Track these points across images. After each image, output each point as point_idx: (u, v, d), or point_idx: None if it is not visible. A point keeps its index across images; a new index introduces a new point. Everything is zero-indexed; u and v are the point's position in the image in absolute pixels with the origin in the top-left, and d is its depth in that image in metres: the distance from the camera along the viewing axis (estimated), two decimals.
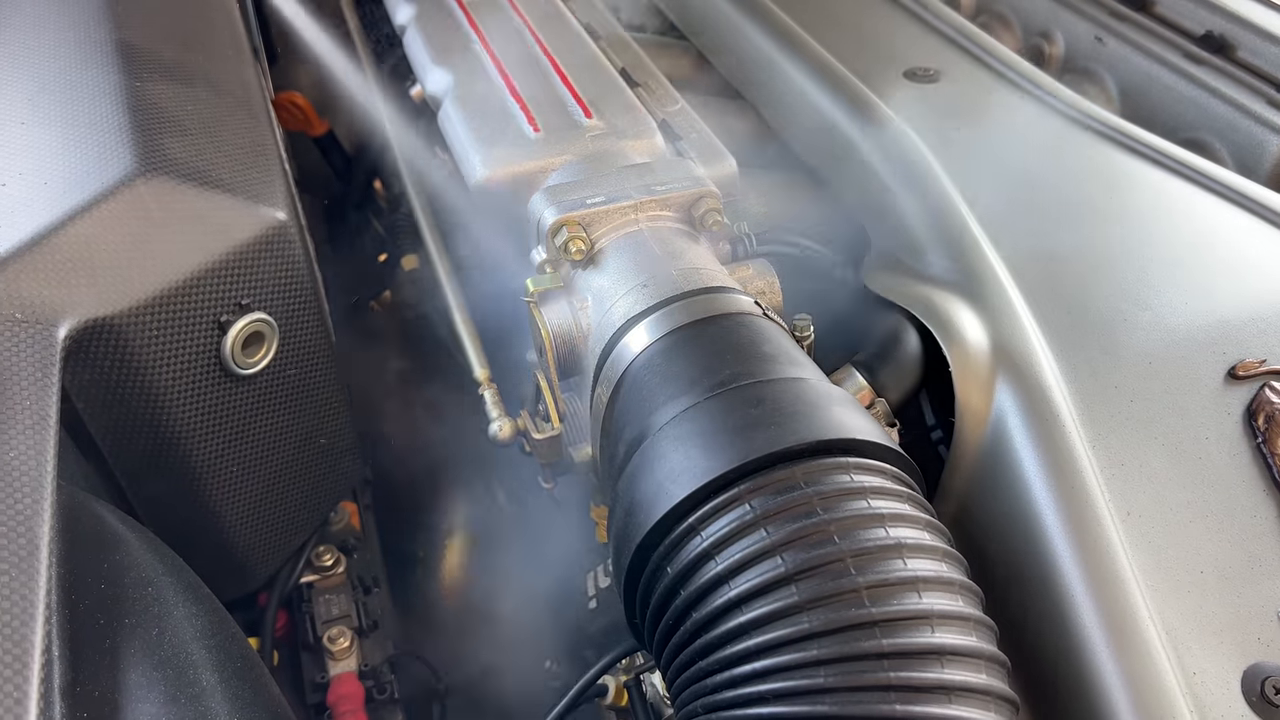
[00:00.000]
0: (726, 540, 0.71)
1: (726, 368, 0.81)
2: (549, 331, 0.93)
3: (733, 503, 0.72)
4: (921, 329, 0.97)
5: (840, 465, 0.74)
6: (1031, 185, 1.15)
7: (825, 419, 0.76)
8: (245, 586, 1.10)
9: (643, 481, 0.78)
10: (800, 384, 0.80)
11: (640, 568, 0.77)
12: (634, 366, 0.86)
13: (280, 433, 1.03)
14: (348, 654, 1.11)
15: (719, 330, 0.85)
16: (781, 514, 0.70)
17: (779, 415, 0.76)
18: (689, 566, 0.72)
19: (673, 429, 0.78)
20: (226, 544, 1.03)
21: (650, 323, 0.87)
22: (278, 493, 1.06)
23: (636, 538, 0.76)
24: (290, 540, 1.12)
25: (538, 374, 0.96)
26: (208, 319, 0.91)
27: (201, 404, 0.93)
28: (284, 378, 1.00)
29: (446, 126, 1.14)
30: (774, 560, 0.69)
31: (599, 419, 0.91)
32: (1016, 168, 1.19)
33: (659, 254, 0.94)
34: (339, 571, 1.19)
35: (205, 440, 0.95)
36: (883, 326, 0.98)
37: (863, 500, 0.72)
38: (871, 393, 0.93)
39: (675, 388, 0.81)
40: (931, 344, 0.96)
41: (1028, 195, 1.14)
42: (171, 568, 0.79)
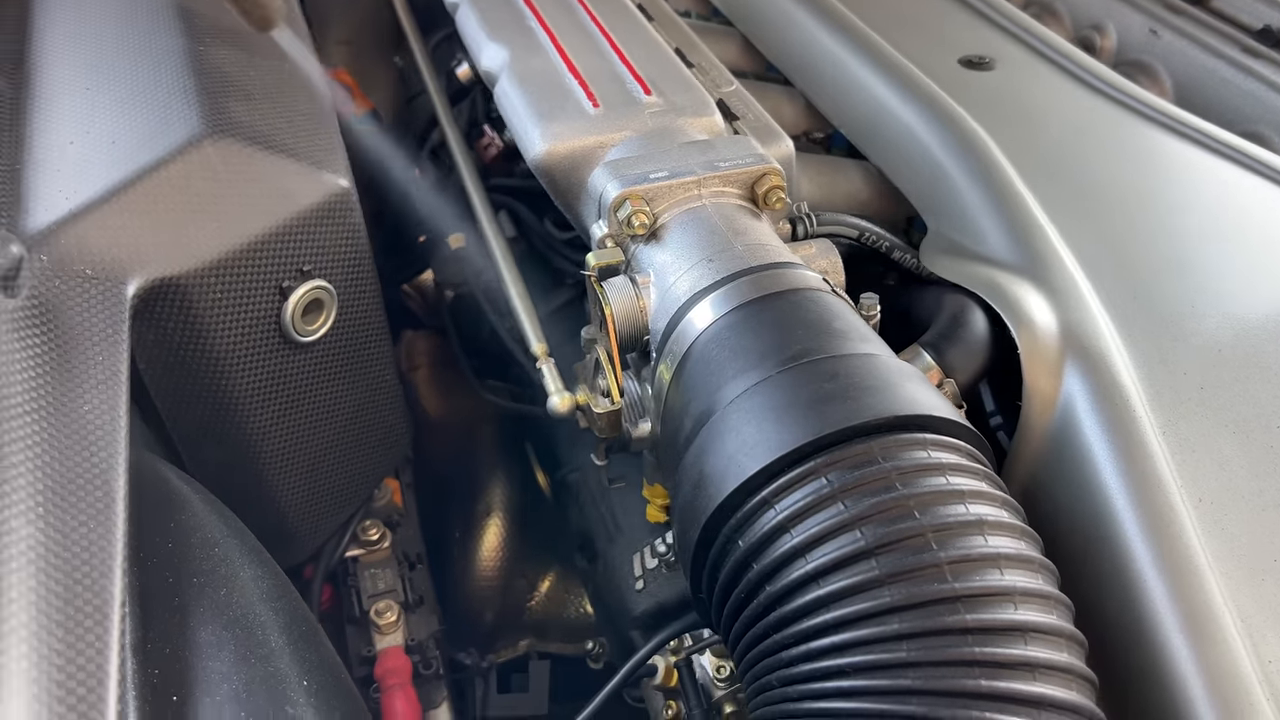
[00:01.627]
0: (803, 513, 0.70)
1: (797, 342, 0.80)
2: (611, 306, 0.92)
3: (808, 476, 0.71)
4: (987, 311, 0.96)
5: (917, 441, 0.73)
6: (1092, 173, 1.14)
7: (901, 394, 0.75)
8: (293, 558, 1.10)
9: (712, 455, 0.77)
10: (873, 360, 0.79)
11: (709, 541, 0.76)
12: (700, 341, 0.85)
13: (334, 403, 1.02)
14: (394, 628, 1.10)
15: (788, 305, 0.84)
16: (860, 488, 0.69)
17: (854, 390, 0.75)
18: (762, 540, 0.71)
19: (743, 402, 0.78)
20: (277, 513, 1.03)
21: (717, 298, 0.86)
22: (329, 464, 1.06)
23: (706, 511, 0.75)
24: (339, 513, 1.11)
25: (598, 349, 0.95)
26: (271, 284, 0.90)
27: (261, 370, 0.93)
28: (340, 347, 1.00)
29: (504, 102, 1.14)
30: (853, 534, 0.68)
31: (661, 395, 0.90)
32: (1076, 155, 1.18)
33: (723, 229, 0.93)
34: (385, 546, 1.18)
35: (262, 407, 0.95)
36: (948, 308, 0.97)
37: (941, 476, 0.71)
38: (940, 373, 0.92)
39: (745, 362, 0.80)
40: (995, 327, 0.96)
41: (1089, 183, 1.13)
42: (235, 530, 0.79)
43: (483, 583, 1.49)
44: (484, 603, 1.49)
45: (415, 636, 1.12)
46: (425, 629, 1.13)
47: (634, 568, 1.17)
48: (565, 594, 1.50)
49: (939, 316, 0.97)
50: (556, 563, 1.50)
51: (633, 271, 0.95)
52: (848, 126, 1.33)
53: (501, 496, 1.49)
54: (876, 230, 1.09)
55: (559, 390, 0.98)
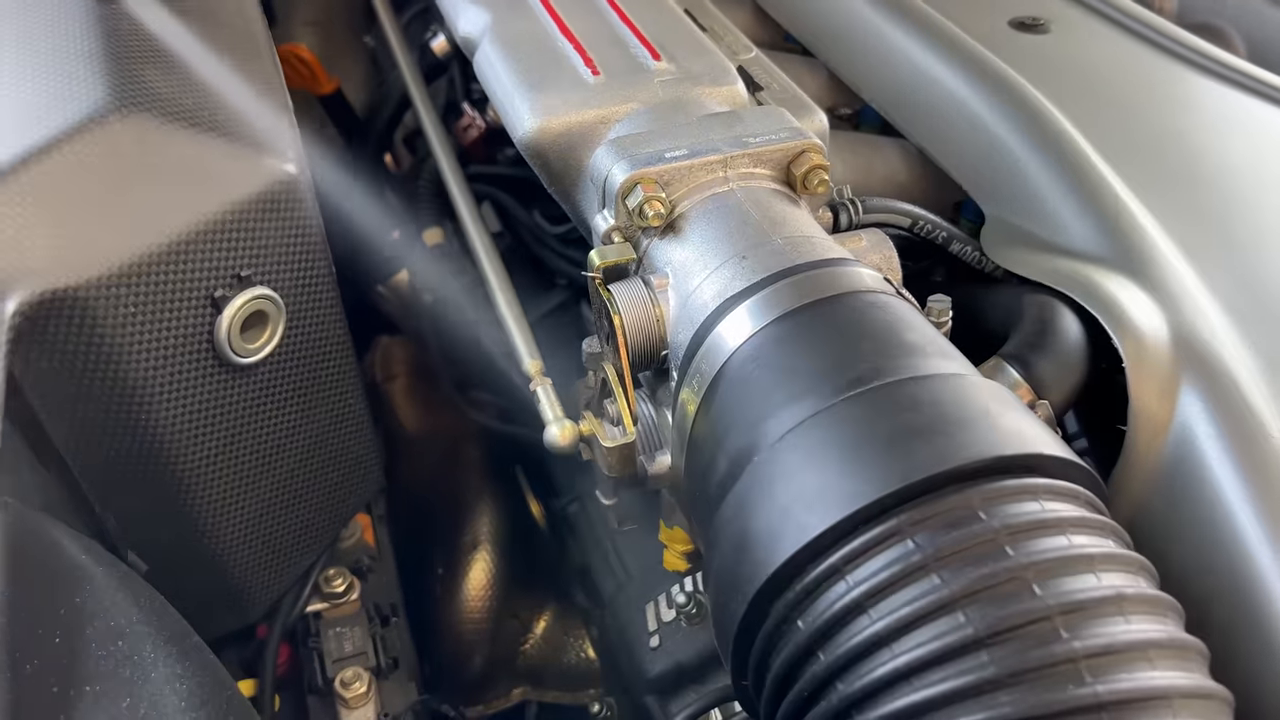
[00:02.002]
0: (885, 588, 0.54)
1: (863, 360, 0.64)
2: (621, 314, 0.76)
3: (890, 538, 0.56)
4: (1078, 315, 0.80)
5: (1027, 489, 0.57)
6: (1176, 146, 0.99)
7: (1003, 427, 0.60)
8: (243, 619, 0.93)
9: (759, 508, 0.61)
10: (960, 382, 0.63)
11: (758, 620, 0.60)
12: (736, 359, 0.69)
13: (286, 435, 0.86)
14: (364, 700, 0.94)
15: (846, 312, 0.68)
16: (960, 554, 0.54)
17: (942, 422, 0.59)
18: (832, 621, 0.55)
19: (798, 440, 0.61)
20: (220, 570, 0.86)
21: (755, 304, 0.70)
22: (282, 507, 0.89)
23: (754, 581, 0.59)
24: (296, 563, 0.95)
25: (604, 366, 0.79)
26: (199, 294, 0.74)
27: (190, 399, 0.76)
28: (291, 369, 0.83)
29: (486, 72, 0.97)
30: (954, 617, 0.52)
31: (684, 424, 0.74)
32: (1154, 125, 1.02)
33: (757, 219, 0.77)
34: (352, 599, 1.02)
35: (194, 444, 0.78)
36: (1031, 311, 0.81)
37: (1061, 535, 0.56)
38: (1030, 392, 0.76)
39: (796, 386, 0.64)
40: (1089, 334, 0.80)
41: (1173, 157, 0.97)
42: (150, 612, 0.62)
43: (469, 624, 1.33)
44: (471, 647, 1.33)
45: (389, 710, 0.95)
46: (402, 699, 0.97)
47: (647, 620, 1.00)
48: (563, 636, 1.34)
49: (1021, 322, 0.80)
50: (553, 600, 1.34)
51: (646, 272, 0.79)
52: (881, 100, 1.17)
53: (489, 527, 1.34)
54: (931, 219, 0.93)
55: (558, 419, 0.82)
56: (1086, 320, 0.79)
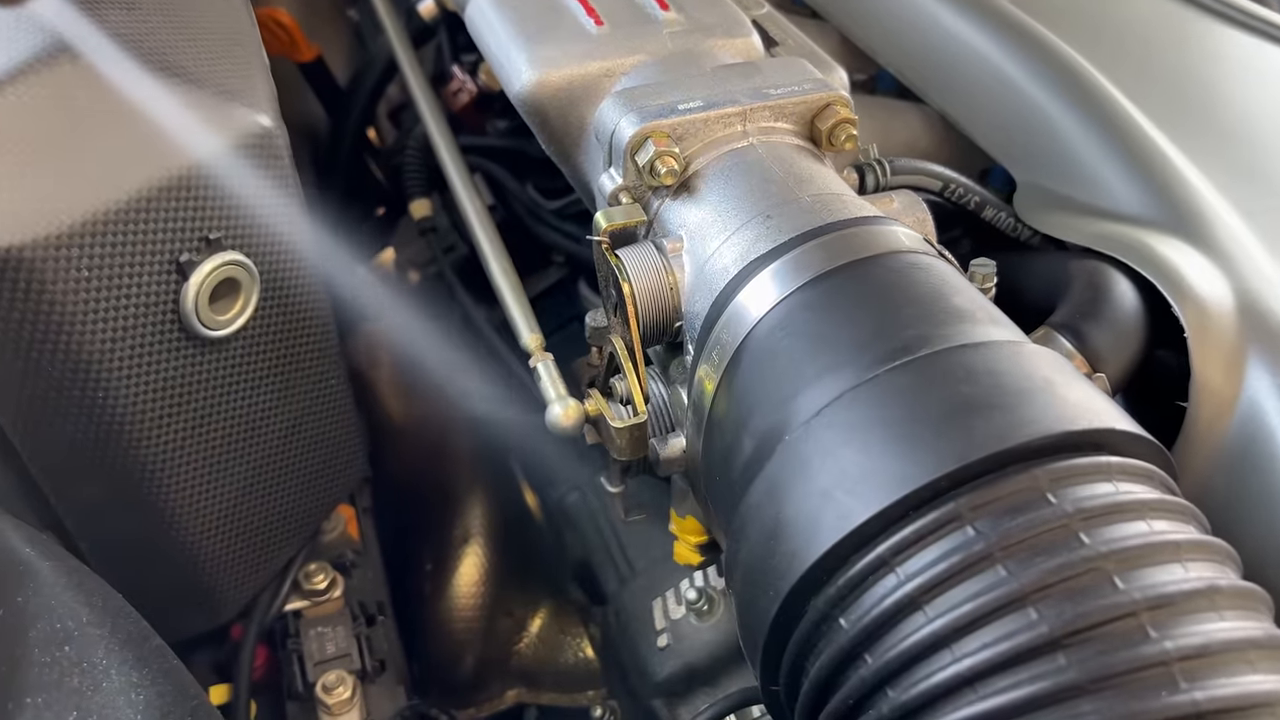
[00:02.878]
0: (943, 581, 0.49)
1: (909, 326, 0.58)
2: (631, 282, 0.69)
3: (947, 524, 0.50)
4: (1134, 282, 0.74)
5: (1099, 468, 0.52)
6: (1222, 104, 0.93)
7: (1068, 400, 0.54)
8: (215, 618, 0.86)
9: (793, 492, 0.55)
10: (1018, 349, 0.57)
11: (793, 618, 0.54)
12: (761, 329, 0.63)
13: (261, 417, 0.79)
14: (348, 706, 0.87)
15: (885, 274, 0.62)
16: (1028, 541, 0.48)
17: (1002, 394, 0.53)
18: (881, 620, 0.50)
19: (837, 415, 0.55)
20: (189, 565, 0.79)
21: (783, 267, 0.63)
22: (257, 496, 0.83)
23: (790, 574, 0.53)
24: (273, 557, 0.88)
25: (611, 340, 0.72)
26: (163, 259, 0.67)
27: (153, 376, 0.70)
28: (267, 344, 0.77)
29: (479, 25, 0.90)
30: (1025, 614, 0.47)
31: (702, 402, 0.67)
32: (1197, 83, 0.97)
33: (780, 176, 0.71)
34: (334, 596, 0.95)
35: (159, 426, 0.72)
36: (1081, 277, 0.75)
37: (1141, 521, 0.50)
38: (1085, 364, 0.70)
39: (833, 356, 0.58)
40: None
41: (1220, 116, 0.92)
42: (103, 613, 0.56)
43: (460, 623, 1.27)
44: (462, 646, 1.27)
45: (375, 716, 0.89)
46: (389, 704, 0.90)
47: (654, 618, 0.94)
48: (560, 634, 1.28)
49: (1069, 290, 0.74)
50: (549, 596, 1.28)
51: (657, 236, 0.73)
52: (899, 63, 1.10)
53: (481, 519, 1.28)
54: (964, 182, 0.87)
55: (561, 397, 0.75)
56: (1140, 288, 0.73)
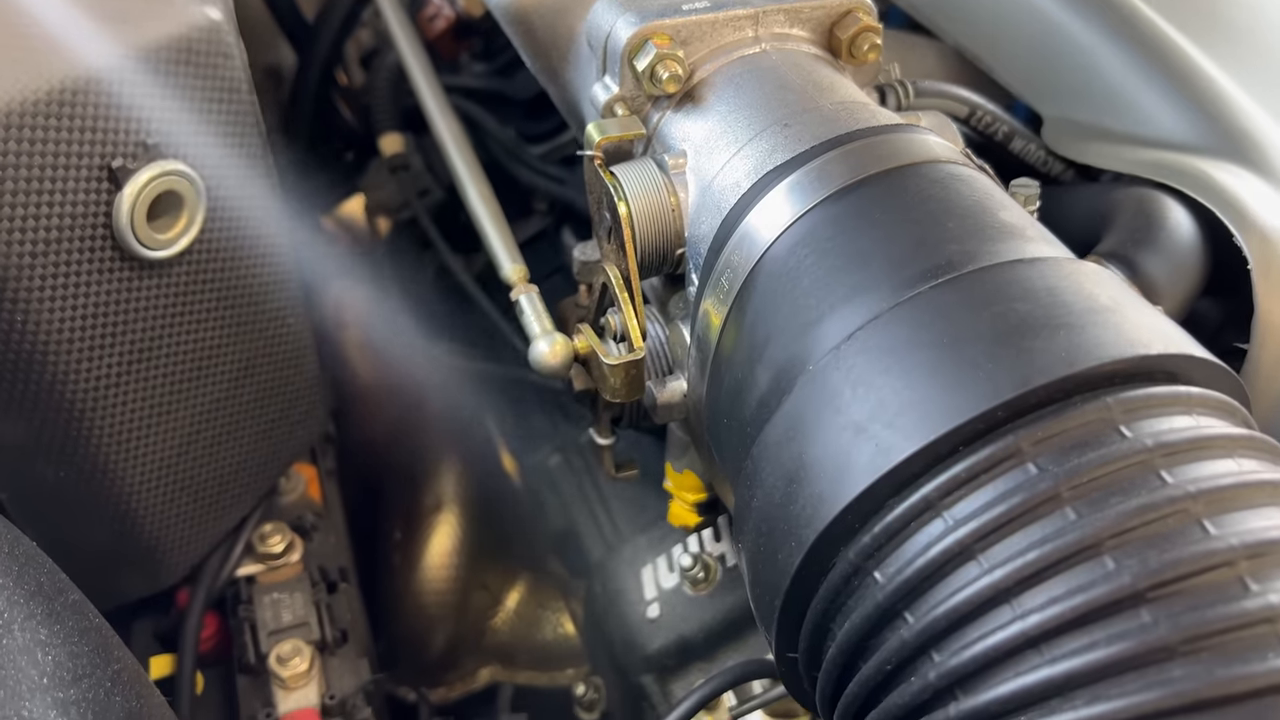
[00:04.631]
0: (1000, 526, 0.42)
1: (953, 241, 0.51)
2: (629, 201, 0.62)
3: (1005, 460, 0.43)
4: None
5: (1178, 399, 0.45)
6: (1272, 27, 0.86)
7: (1139, 323, 0.47)
8: (155, 582, 0.79)
9: (820, 427, 0.48)
10: (1079, 268, 0.50)
11: (817, 572, 0.48)
12: (779, 249, 0.56)
13: (209, 353, 0.71)
14: (305, 680, 0.80)
15: (923, 184, 0.55)
16: (1101, 480, 0.42)
17: (1067, 313, 0.46)
18: (925, 572, 0.43)
19: (870, 340, 0.48)
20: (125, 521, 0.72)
21: (804, 178, 0.56)
22: (205, 445, 0.75)
23: (815, 522, 0.47)
24: (223, 516, 0.81)
25: (605, 270, 0.65)
26: (91, 161, 0.59)
27: (83, 300, 0.62)
28: (215, 269, 0.69)
29: None
30: (1100, 564, 0.41)
31: (707, 337, 0.60)
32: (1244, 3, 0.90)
33: (799, 84, 0.64)
34: (292, 560, 0.87)
35: (90, 358, 0.64)
36: (1129, 205, 0.68)
37: (1229, 458, 0.43)
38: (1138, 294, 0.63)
39: (865, 274, 0.51)
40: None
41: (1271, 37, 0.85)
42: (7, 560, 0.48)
43: (431, 596, 1.22)
44: (433, 622, 1.22)
45: (336, 691, 0.81)
46: (351, 678, 0.83)
47: (643, 587, 0.87)
48: (539, 609, 1.22)
49: (1116, 218, 0.68)
50: (527, 569, 1.22)
51: (658, 151, 0.65)
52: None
53: (455, 486, 1.22)
54: (992, 109, 0.80)
55: (546, 332, 0.68)
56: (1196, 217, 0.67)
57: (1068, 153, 0.78)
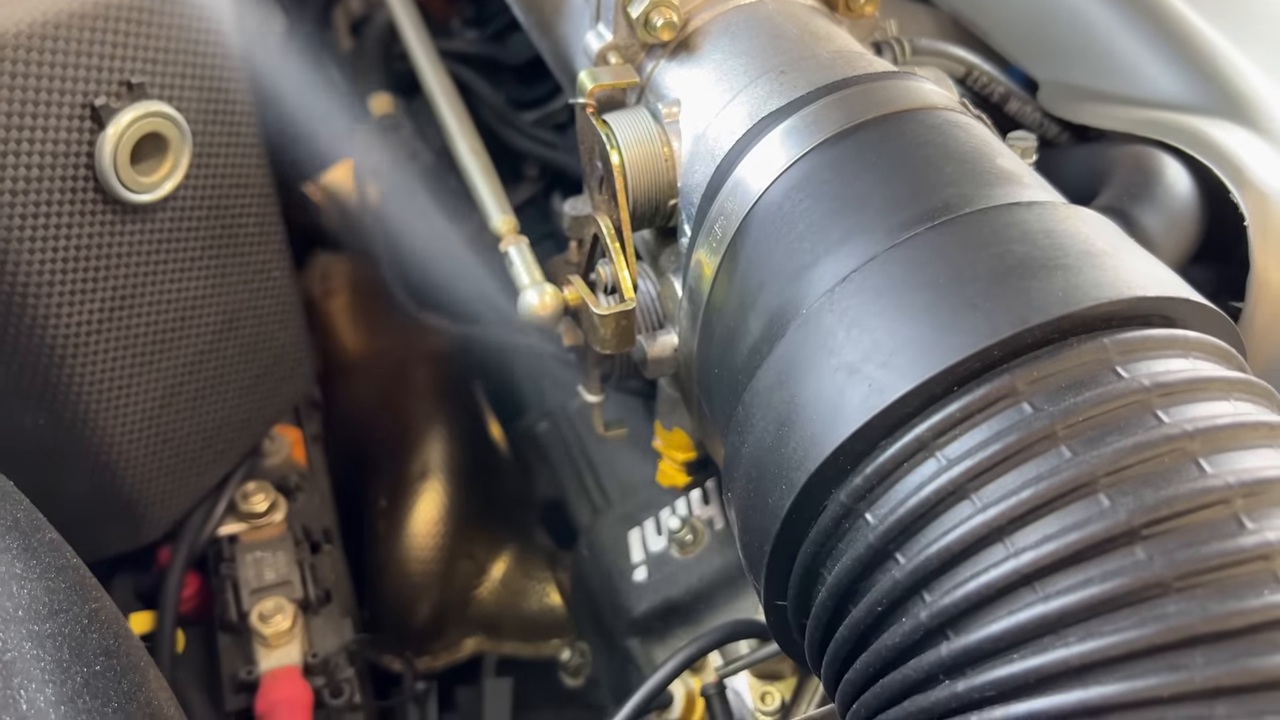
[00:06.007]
0: (995, 464, 0.42)
1: (950, 185, 0.50)
2: (621, 149, 0.61)
3: (1000, 399, 0.43)
4: None
5: (1174, 341, 0.45)
6: None
7: (1135, 266, 0.46)
8: (135, 537, 0.78)
9: (813, 368, 0.48)
10: (1077, 213, 0.50)
11: (808, 516, 0.47)
12: (773, 193, 0.55)
13: (193, 302, 0.71)
14: (287, 638, 0.79)
15: (920, 130, 0.54)
16: (1097, 418, 0.42)
17: (1064, 254, 0.46)
18: (917, 511, 0.43)
19: (865, 281, 0.48)
20: (104, 473, 0.71)
21: (799, 123, 0.56)
22: (187, 398, 0.74)
23: (806, 463, 0.46)
24: (205, 472, 0.80)
25: (596, 220, 0.64)
26: (73, 99, 0.58)
27: (64, 243, 0.61)
28: (200, 216, 0.68)
29: None
30: (1095, 501, 0.40)
31: (700, 288, 0.60)
32: None
33: (795, 33, 0.63)
34: (276, 520, 0.87)
35: (71, 303, 0.63)
36: (1126, 162, 0.68)
37: (1225, 400, 0.43)
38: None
39: (860, 217, 0.51)
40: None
41: None
42: None
43: (416, 565, 1.20)
44: (418, 590, 1.20)
45: (318, 650, 0.81)
46: (334, 638, 0.82)
47: (630, 550, 0.87)
48: (525, 579, 1.22)
49: (1113, 174, 0.67)
50: (514, 539, 1.21)
51: (651, 101, 0.65)
52: None
53: (442, 453, 1.20)
54: (989, 70, 0.80)
55: (536, 283, 0.67)
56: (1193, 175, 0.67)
57: (1064, 114, 0.78)
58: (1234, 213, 0.64)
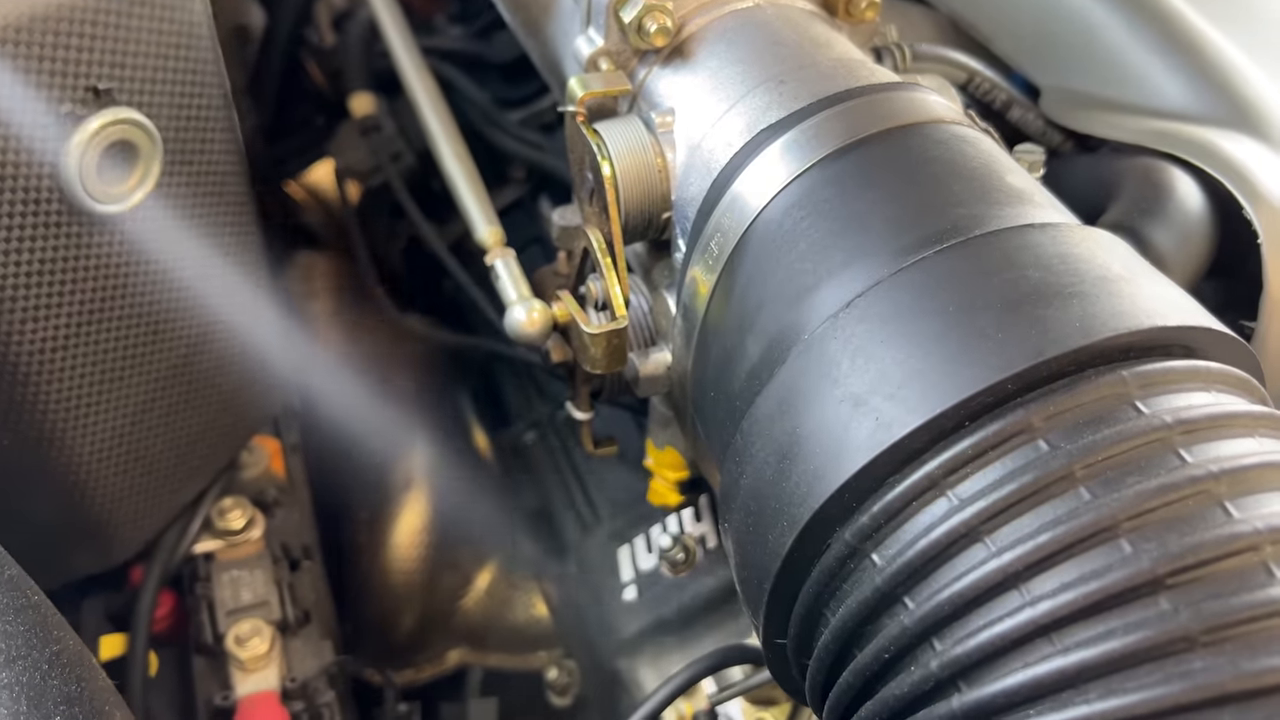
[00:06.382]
0: (1009, 506, 0.41)
1: (960, 205, 0.48)
2: (613, 160, 0.59)
3: (1014, 436, 0.41)
4: None
5: (1195, 373, 0.43)
6: None
7: (1153, 294, 0.44)
8: (106, 559, 0.75)
9: (814, 401, 0.45)
10: (1092, 235, 0.48)
11: (810, 555, 0.45)
12: (772, 210, 0.53)
13: (164, 316, 0.68)
14: (264, 662, 0.77)
15: (926, 145, 0.52)
16: (1116, 458, 0.39)
17: (1080, 281, 0.44)
18: (927, 554, 0.41)
19: (871, 308, 0.46)
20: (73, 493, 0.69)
21: (800, 136, 0.54)
22: (160, 414, 0.72)
23: (809, 500, 0.44)
24: (179, 489, 0.77)
25: (587, 233, 0.62)
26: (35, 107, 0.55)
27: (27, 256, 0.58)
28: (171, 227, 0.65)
29: None
30: (1117, 547, 0.38)
31: (694, 306, 0.58)
32: None
33: (794, 39, 0.61)
34: (253, 537, 0.84)
35: (36, 319, 0.60)
36: (1135, 174, 0.66)
37: (1250, 437, 0.41)
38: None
39: (865, 238, 0.49)
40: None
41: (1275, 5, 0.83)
42: None
43: (399, 576, 1.18)
44: (400, 602, 1.18)
45: (296, 674, 0.78)
46: (313, 660, 0.80)
47: (620, 568, 0.85)
48: (510, 590, 1.19)
49: (1121, 188, 0.65)
50: (499, 550, 1.18)
51: (644, 109, 0.62)
52: None
53: (425, 463, 1.17)
54: (991, 76, 0.78)
55: (524, 298, 0.65)
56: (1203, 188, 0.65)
57: (1068, 122, 0.76)
58: (1245, 228, 0.62)
